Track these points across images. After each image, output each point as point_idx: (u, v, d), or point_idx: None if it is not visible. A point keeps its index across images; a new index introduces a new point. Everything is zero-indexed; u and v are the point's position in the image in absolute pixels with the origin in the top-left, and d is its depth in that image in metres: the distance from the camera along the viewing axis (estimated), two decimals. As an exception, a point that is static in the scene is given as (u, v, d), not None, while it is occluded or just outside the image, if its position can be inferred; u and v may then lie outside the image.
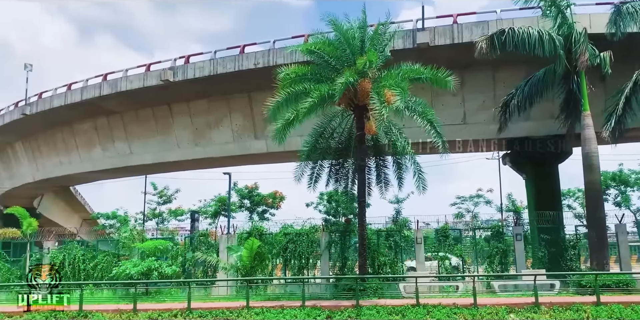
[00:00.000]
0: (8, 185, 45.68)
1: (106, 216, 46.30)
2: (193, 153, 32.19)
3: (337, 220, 34.07)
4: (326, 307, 15.54)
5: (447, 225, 25.00)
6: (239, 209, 42.43)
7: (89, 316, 15.85)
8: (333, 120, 20.58)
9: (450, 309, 15.04)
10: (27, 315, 16.05)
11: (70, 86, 32.55)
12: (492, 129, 23.37)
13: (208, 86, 28.58)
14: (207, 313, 15.54)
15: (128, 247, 23.34)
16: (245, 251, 19.36)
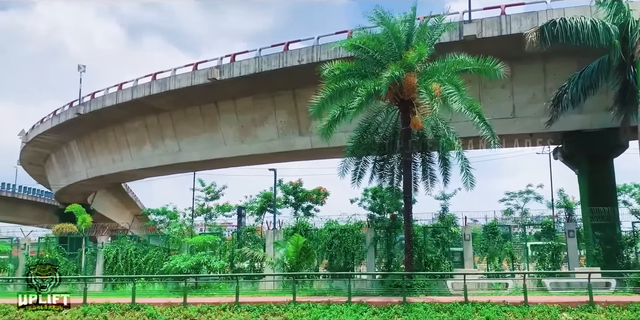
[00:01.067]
0: (64, 183, 47.59)
1: (156, 212, 47.60)
2: (239, 150, 32.65)
3: (382, 216, 33.87)
4: (372, 304, 15.48)
5: (496, 222, 24.46)
6: (284, 205, 42.80)
7: (141, 309, 16.30)
8: (378, 116, 20.44)
9: (499, 307, 14.73)
10: (83, 307, 16.69)
11: (121, 86, 33.55)
12: (542, 123, 22.66)
13: (253, 84, 28.88)
14: (255, 307, 15.74)
15: (178, 242, 23.90)
16: (291, 246, 19.52)
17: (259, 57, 27.54)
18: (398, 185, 20.77)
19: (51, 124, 40.11)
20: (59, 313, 16.57)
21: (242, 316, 15.41)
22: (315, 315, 14.93)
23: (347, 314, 14.88)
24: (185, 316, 15.69)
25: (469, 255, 21.61)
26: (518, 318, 14.26)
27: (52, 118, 40.29)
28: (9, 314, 16.87)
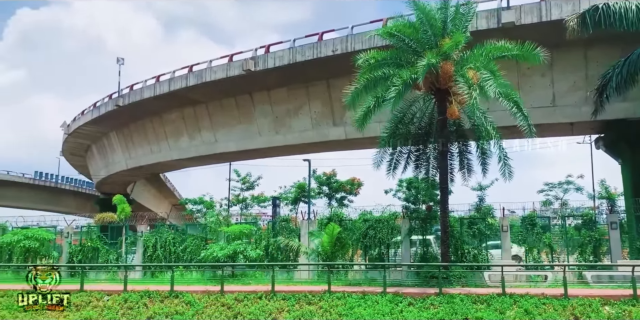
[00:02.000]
0: (104, 173, 48.88)
1: (193, 202, 48.52)
2: (273, 141, 32.86)
3: (418, 207, 33.61)
4: (408, 294, 15.42)
5: (535, 213, 23.95)
6: (317, 196, 42.99)
7: (180, 296, 16.66)
8: (413, 105, 20.21)
9: (538, 299, 14.46)
10: (124, 294, 17.16)
11: (158, 78, 34.11)
12: (584, 111, 22.03)
13: (287, 74, 28.95)
14: (290, 296, 15.88)
15: (214, 231, 24.29)
16: (326, 237, 19.59)
17: (293, 47, 27.55)
18: (434, 175, 20.55)
19: (91, 116, 41.17)
20: (100, 299, 17.11)
21: (278, 305, 15.58)
22: (351, 305, 14.97)
23: (383, 304, 14.87)
24: (223, 304, 15.95)
25: (506, 246, 21.27)
26: (558, 311, 13.97)
27: (92, 110, 41.35)
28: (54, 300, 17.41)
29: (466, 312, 14.24)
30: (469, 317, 14.09)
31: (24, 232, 24.53)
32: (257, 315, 15.15)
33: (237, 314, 15.39)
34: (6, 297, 17.77)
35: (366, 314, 14.44)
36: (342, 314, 14.70)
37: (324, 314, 14.84)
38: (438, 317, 14.14)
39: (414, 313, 14.37)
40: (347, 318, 14.49)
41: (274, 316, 15.13)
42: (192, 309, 15.88)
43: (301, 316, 14.89)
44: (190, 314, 15.67)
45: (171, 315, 15.74)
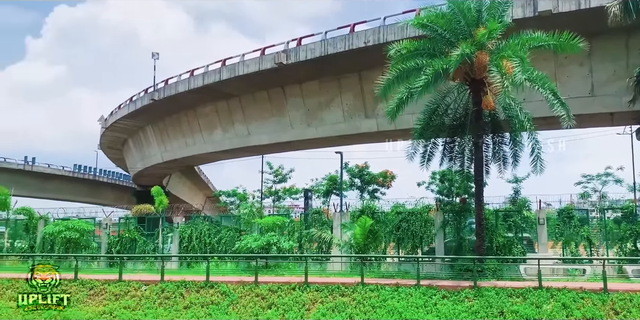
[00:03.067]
0: (140, 166, 49.92)
1: (227, 194, 49.05)
2: (305, 133, 32.97)
3: (451, 200, 33.25)
4: (442, 287, 15.33)
5: (572, 206, 23.41)
6: (349, 188, 42.85)
7: (215, 286, 16.94)
8: (447, 96, 19.94)
9: (576, 294, 14.18)
10: (161, 284, 17.56)
11: (192, 72, 34.57)
12: (625, 101, 21.36)
13: (319, 67, 28.93)
14: (324, 287, 15.97)
15: (248, 223, 24.56)
16: (358, 229, 19.58)
17: (325, 40, 27.50)
18: (469, 167, 20.29)
19: (128, 110, 42.05)
20: (138, 289, 17.55)
21: (312, 296, 15.70)
22: (384, 298, 14.98)
23: (417, 297, 14.82)
24: (257, 295, 16.16)
25: (543, 239, 20.89)
26: (597, 305, 13.68)
27: (128, 104, 42.22)
28: (94, 289, 17.98)
29: (501, 306, 14.08)
30: (504, 310, 13.94)
31: (64, 223, 25.30)
32: (291, 306, 15.31)
33: (271, 305, 15.57)
34: (49, 285, 18.35)
35: (400, 307, 14.42)
36: (376, 306, 14.71)
37: (357, 306, 14.89)
38: (473, 311, 14.02)
39: (448, 306, 14.28)
40: (381, 310, 14.50)
41: (307, 307, 15.25)
42: (227, 299, 16.15)
43: (334, 308, 14.96)
44: (225, 304, 15.92)
45: (207, 305, 16.03)
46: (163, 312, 16.01)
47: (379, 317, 14.17)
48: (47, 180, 67.46)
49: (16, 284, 18.78)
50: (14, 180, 58.50)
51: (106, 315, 16.22)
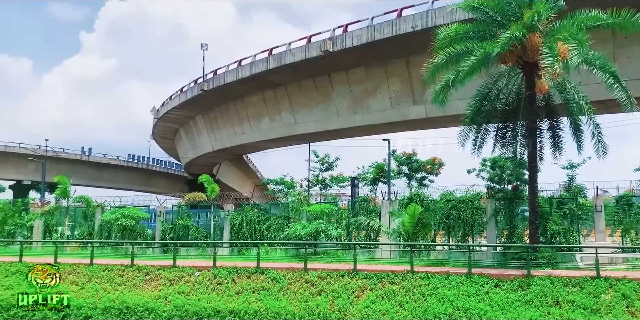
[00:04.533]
0: (191, 155, 51.10)
1: (275, 182, 49.62)
2: (352, 121, 32.83)
3: (503, 187, 32.51)
4: (494, 276, 15.01)
5: (632, 193, 22.40)
6: (397, 176, 42.54)
7: (265, 273, 17.18)
8: (499, 81, 19.34)
9: (637, 284, 13.58)
10: (213, 269, 17.95)
11: (240, 62, 34.96)
12: (692, 83, 20.17)
13: (366, 53, 28.64)
14: (373, 275, 15.93)
15: (296, 210, 24.77)
16: (407, 217, 19.38)
17: (371, 25, 27.17)
18: (522, 154, 19.66)
19: (179, 101, 43.01)
20: (192, 274, 18.02)
21: (361, 283, 15.69)
22: (434, 286, 14.80)
23: (468, 285, 14.58)
24: (306, 281, 16.28)
25: (600, 227, 20.11)
26: (660, 296, 13.08)
27: (179, 95, 43.16)
28: (150, 274, 18.57)
29: (557, 295, 13.67)
30: (559, 300, 13.53)
31: (120, 211, 26.22)
32: (341, 292, 15.35)
33: (320, 291, 15.67)
34: (107, 271, 19.12)
35: (450, 295, 14.23)
36: (426, 294, 14.57)
37: (407, 294, 14.78)
38: (526, 300, 13.67)
39: (500, 295, 13.97)
40: (431, 298, 14.34)
41: (356, 294, 15.26)
42: (278, 285, 16.35)
43: (384, 295, 14.91)
44: (275, 289, 16.13)
45: (258, 290, 16.29)
46: (216, 297, 16.38)
47: (429, 305, 14.01)
48: (103, 169, 70.04)
49: (77, 269, 19.62)
50: (73, 170, 61.02)
51: (161, 300, 16.74)
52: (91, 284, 18.42)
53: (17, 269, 20.28)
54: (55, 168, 59.52)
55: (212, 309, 15.73)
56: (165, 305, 16.45)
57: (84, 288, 18.28)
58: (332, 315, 14.51)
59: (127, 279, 18.40)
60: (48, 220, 29.43)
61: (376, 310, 14.28)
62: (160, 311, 16.20)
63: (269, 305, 15.31)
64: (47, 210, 29.59)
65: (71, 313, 17.14)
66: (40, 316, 17.34)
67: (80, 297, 17.66)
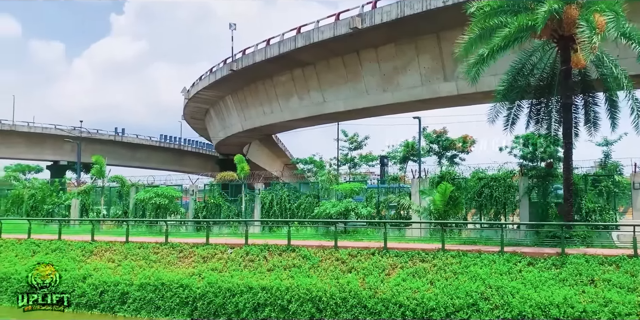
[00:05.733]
0: (222, 135, 51.56)
1: (304, 161, 49.84)
2: (381, 99, 32.51)
3: (535, 164, 31.90)
4: (527, 254, 14.84)
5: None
6: (427, 154, 42.19)
7: (296, 250, 17.36)
8: (533, 55, 18.79)
9: (677, 263, 13.26)
10: (245, 247, 18.23)
11: (269, 41, 34.81)
12: None
13: (395, 30, 28.17)
14: (403, 253, 15.93)
15: (326, 189, 24.85)
16: (438, 195, 19.24)
17: (401, 1, 26.63)
18: (556, 130, 19.20)
19: (208, 81, 43.25)
20: (224, 252, 18.34)
21: (391, 261, 15.72)
22: (466, 264, 14.72)
23: (500, 263, 14.46)
24: (337, 259, 16.40)
25: (638, 205, 19.59)
26: (700, 275, 12.74)
27: (209, 75, 43.38)
28: (183, 252, 18.97)
29: (592, 274, 13.45)
30: (595, 279, 13.31)
31: (154, 190, 26.72)
32: (371, 270, 15.42)
33: (351, 269, 15.77)
34: (142, 248, 19.61)
35: (482, 273, 14.14)
36: (457, 272, 14.51)
37: (438, 272, 14.75)
38: (560, 278, 13.49)
39: (534, 273, 13.82)
40: (463, 276, 14.28)
41: (387, 272, 15.31)
42: (309, 262, 16.52)
43: (415, 273, 14.92)
44: (307, 267, 16.31)
45: (289, 267, 16.49)
46: (248, 274, 16.66)
47: (460, 283, 13.96)
48: (136, 149, 71.37)
49: (113, 247, 20.19)
50: (107, 151, 62.39)
51: (195, 277, 17.12)
52: (127, 261, 18.94)
53: (57, 247, 21.00)
54: (90, 149, 60.93)
55: (245, 286, 16.01)
56: (199, 281, 16.82)
57: (120, 265, 18.81)
58: (363, 292, 14.60)
59: (161, 256, 18.85)
60: (84, 200, 30.24)
61: (407, 288, 14.31)
62: (195, 288, 16.58)
63: (301, 282, 15.50)
64: (84, 189, 30.38)
65: (109, 289, 17.71)
66: (79, 292, 18.03)
67: (117, 274, 18.20)
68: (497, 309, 13.00)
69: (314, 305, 14.90)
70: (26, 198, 31.78)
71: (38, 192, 31.89)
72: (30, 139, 64.01)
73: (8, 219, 27.79)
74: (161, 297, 16.88)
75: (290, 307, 15.08)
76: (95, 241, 20.98)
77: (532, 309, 12.65)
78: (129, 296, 17.30)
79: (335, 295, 14.80)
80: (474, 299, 13.37)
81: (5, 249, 21.78)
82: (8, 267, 20.12)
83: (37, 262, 19.97)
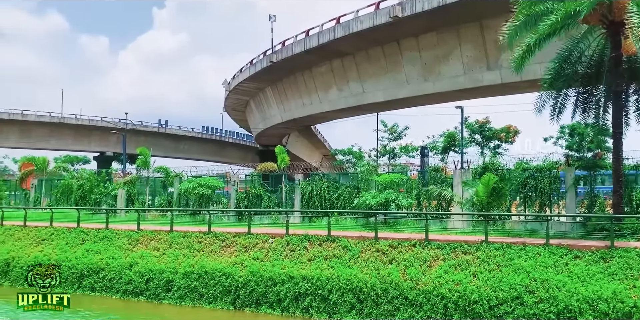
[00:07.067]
0: (261, 126, 52.02)
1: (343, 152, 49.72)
2: (422, 88, 32.09)
3: (582, 155, 30.93)
4: (573, 247, 14.43)
5: None
6: (469, 144, 41.42)
7: (336, 241, 17.40)
8: (581, 42, 18.13)
9: None
10: (286, 237, 18.39)
11: (308, 32, 34.78)
12: None
13: (437, 18, 27.68)
14: (445, 245, 15.75)
15: (365, 180, 24.74)
16: (481, 186, 18.89)
17: (444, -12, 26.09)
18: (604, 120, 18.53)
19: (249, 73, 43.63)
20: (266, 242, 18.57)
21: (433, 253, 15.57)
22: (510, 257, 14.44)
23: (545, 256, 14.11)
24: (377, 250, 16.36)
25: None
26: None
27: (249, 67, 43.74)
28: (226, 241, 19.29)
29: (643, 268, 12.98)
30: (646, 273, 12.84)
31: (197, 180, 27.23)
32: (412, 262, 15.31)
33: (392, 260, 15.70)
34: (186, 237, 20.05)
35: (527, 266, 13.84)
36: (501, 265, 14.25)
37: (481, 264, 14.52)
38: (609, 272, 13.07)
39: (581, 266, 13.44)
40: (506, 269, 14.02)
41: (429, 264, 15.19)
42: (349, 253, 16.54)
43: (457, 265, 14.74)
44: (347, 257, 16.34)
45: (330, 258, 16.55)
46: (289, 263, 16.81)
47: (504, 275, 13.71)
48: (179, 141, 72.87)
49: (158, 236, 20.71)
50: (151, 142, 63.93)
51: (237, 266, 17.40)
52: (172, 250, 19.41)
53: (105, 235, 21.70)
54: (135, 140, 62.58)
55: (286, 275, 16.18)
56: (241, 270, 17.10)
57: (165, 253, 19.29)
58: (404, 284, 14.53)
59: (204, 245, 19.23)
60: (130, 190, 31.08)
61: (449, 280, 14.16)
62: (237, 276, 16.87)
63: (341, 273, 15.55)
64: (129, 180, 31.20)
65: (154, 277, 18.20)
66: (126, 279, 18.61)
67: (162, 262, 18.68)
68: (542, 303, 12.72)
69: (354, 296, 14.94)
70: (75, 188, 32.88)
71: (86, 182, 32.95)
72: (78, 131, 66.18)
73: (59, 208, 28.88)
74: (204, 285, 17.24)
75: (330, 297, 15.17)
76: (140, 230, 21.57)
77: (579, 304, 12.32)
78: (173, 284, 17.75)
79: (376, 286, 14.78)
80: (518, 291, 13.13)
81: (57, 237, 22.66)
82: (59, 255, 20.94)
83: (85, 250, 20.78)
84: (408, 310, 14.12)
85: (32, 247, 22.30)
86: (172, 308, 17.18)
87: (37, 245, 22.33)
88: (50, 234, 22.98)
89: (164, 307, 17.29)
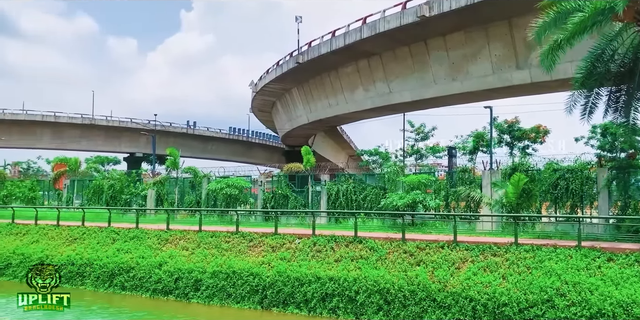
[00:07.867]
0: (288, 127, 52.20)
1: (369, 153, 49.70)
2: (450, 88, 31.76)
3: (615, 155, 30.22)
4: (606, 249, 14.10)
5: None
6: (498, 145, 40.90)
7: (363, 242, 17.34)
8: (613, 40, 17.66)
9: None
10: (313, 237, 18.42)
11: (334, 33, 34.78)
12: None
13: (464, 17, 27.35)
14: (474, 246, 15.56)
15: (392, 181, 24.62)
16: (510, 187, 18.60)
17: (472, -14, 25.77)
18: (635, 119, 18.03)
19: (275, 74, 43.82)
20: (292, 242, 18.62)
21: (461, 255, 15.40)
22: (540, 259, 14.19)
23: (577, 258, 13.82)
24: (405, 251, 16.25)
25: None
26: None
27: (275, 68, 43.94)
28: (253, 241, 19.43)
29: (680, 272, 12.62)
30: (683, 277, 12.48)
31: (225, 180, 27.50)
32: (440, 263, 15.17)
33: (419, 261, 15.59)
34: (214, 237, 20.25)
35: (558, 268, 13.58)
36: (531, 267, 14.02)
37: (511, 266, 14.31)
38: (644, 276, 12.74)
39: (614, 269, 13.12)
40: (537, 271, 13.78)
41: (457, 266, 15.02)
42: (376, 254, 16.48)
43: (486, 267, 14.55)
44: (374, 259, 16.28)
45: (356, 259, 16.52)
46: (316, 264, 16.84)
47: (534, 278, 13.48)
48: (207, 142, 73.66)
49: (186, 235, 20.98)
50: (179, 143, 64.83)
51: (265, 265, 17.50)
52: (200, 250, 19.63)
53: (135, 235, 22.09)
54: (164, 141, 63.47)
55: (313, 276, 16.20)
56: (268, 270, 17.19)
57: (194, 253, 19.52)
58: (432, 285, 14.41)
59: (232, 245, 19.40)
60: (159, 190, 31.55)
61: (478, 282, 13.99)
62: (264, 276, 16.97)
63: (368, 274, 15.50)
64: (159, 180, 31.69)
65: (183, 276, 18.44)
66: (155, 278, 18.90)
67: (191, 262, 18.91)
68: (574, 306, 12.46)
69: (381, 297, 14.88)
70: (106, 188, 33.55)
71: (116, 182, 33.58)
72: (108, 132, 67.47)
73: (90, 208, 29.50)
74: (232, 285, 17.39)
75: (357, 298, 15.14)
76: (170, 230, 21.89)
77: (613, 307, 12.04)
78: (202, 283, 17.95)
79: (404, 287, 14.69)
80: (549, 294, 12.89)
81: (88, 236, 23.15)
82: (91, 254, 21.39)
83: (116, 249, 21.17)
84: (436, 312, 14.00)
85: (65, 246, 22.82)
86: (201, 307, 17.37)
87: (69, 244, 22.86)
88: (82, 233, 23.49)
89: (193, 307, 17.51)
